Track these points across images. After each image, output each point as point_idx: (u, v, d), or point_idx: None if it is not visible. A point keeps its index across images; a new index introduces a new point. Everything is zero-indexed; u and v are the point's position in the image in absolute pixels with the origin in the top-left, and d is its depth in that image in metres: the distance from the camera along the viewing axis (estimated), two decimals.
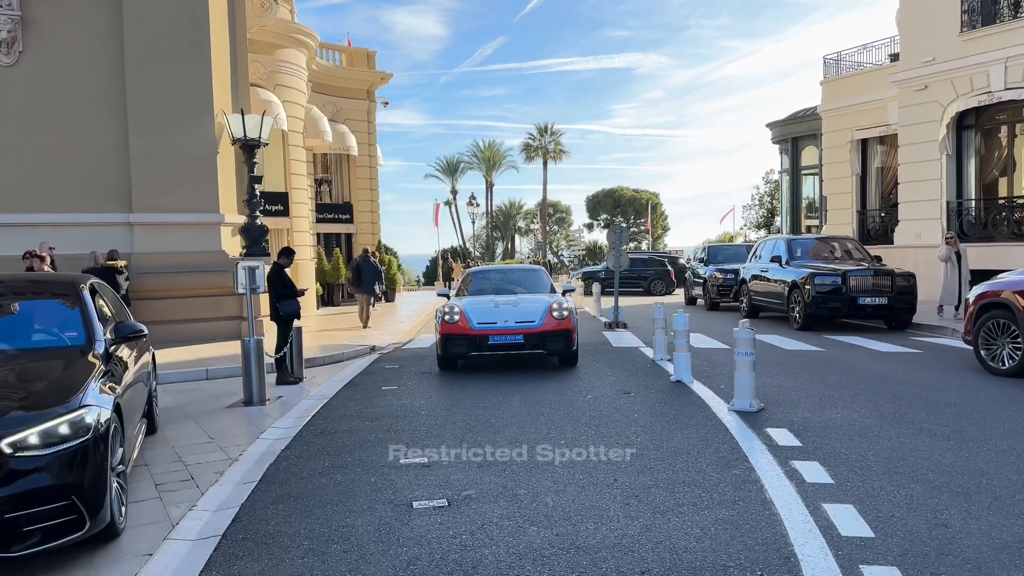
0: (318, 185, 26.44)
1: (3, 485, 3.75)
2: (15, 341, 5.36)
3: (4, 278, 6.63)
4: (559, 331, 10.01)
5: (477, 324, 9.98)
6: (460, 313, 10.12)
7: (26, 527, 3.79)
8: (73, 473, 3.99)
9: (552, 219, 69.56)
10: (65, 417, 4.08)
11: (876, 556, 3.89)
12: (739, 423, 6.90)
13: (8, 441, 3.82)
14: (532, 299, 10.75)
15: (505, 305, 10.41)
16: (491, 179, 61.47)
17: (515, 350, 10.00)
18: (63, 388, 4.41)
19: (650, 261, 31.19)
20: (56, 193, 13.36)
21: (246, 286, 9.13)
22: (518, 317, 10.04)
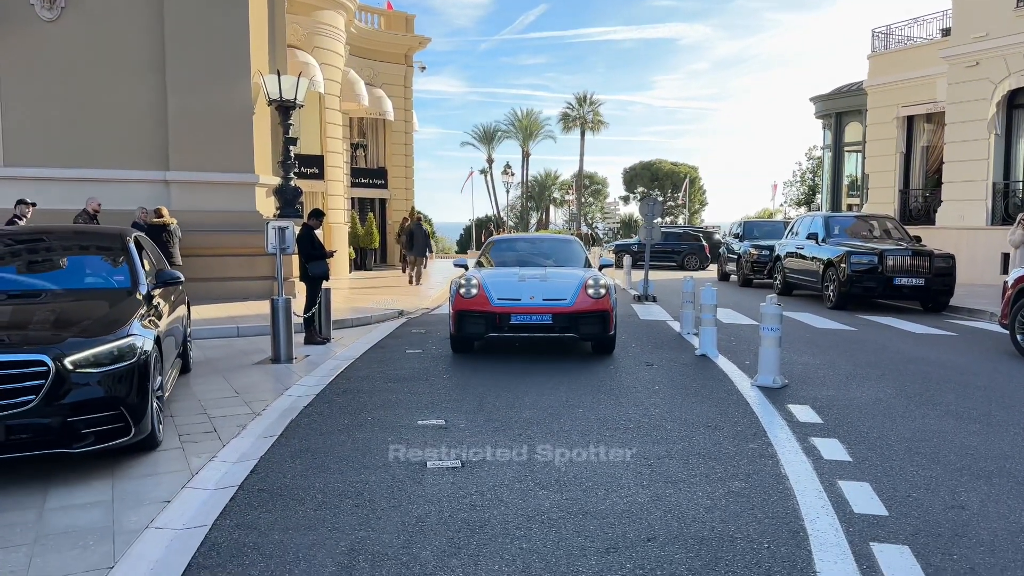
0: (353, 149, 26.55)
1: (66, 395, 4.57)
2: (71, 283, 6.23)
3: (62, 229, 7.77)
4: (595, 312, 8.55)
5: (498, 300, 8.51)
6: (478, 286, 8.69)
7: (83, 430, 4.63)
8: (121, 389, 4.81)
9: (588, 191, 69.07)
10: (115, 343, 4.89)
11: (888, 535, 3.84)
12: (760, 398, 6.84)
13: (70, 360, 4.60)
14: (564, 274, 9.32)
15: (532, 279, 8.93)
16: (528, 149, 61.12)
17: (541, 332, 8.53)
18: (113, 321, 5.20)
19: (685, 235, 30.90)
20: (96, 149, 13.57)
21: (276, 246, 9.23)
22: (547, 294, 8.59)
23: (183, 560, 3.55)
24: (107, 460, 5.03)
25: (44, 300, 5.79)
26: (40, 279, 6.35)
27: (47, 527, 3.97)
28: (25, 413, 4.47)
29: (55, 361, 4.56)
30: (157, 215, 12.73)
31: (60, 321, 5.19)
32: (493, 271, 9.69)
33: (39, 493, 4.46)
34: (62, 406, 4.56)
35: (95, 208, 12.11)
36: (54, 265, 6.66)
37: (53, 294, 5.92)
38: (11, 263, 6.53)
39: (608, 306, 8.65)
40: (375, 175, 27.52)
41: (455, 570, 3.44)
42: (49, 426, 4.54)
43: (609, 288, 8.76)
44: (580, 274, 9.20)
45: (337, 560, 3.55)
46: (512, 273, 9.34)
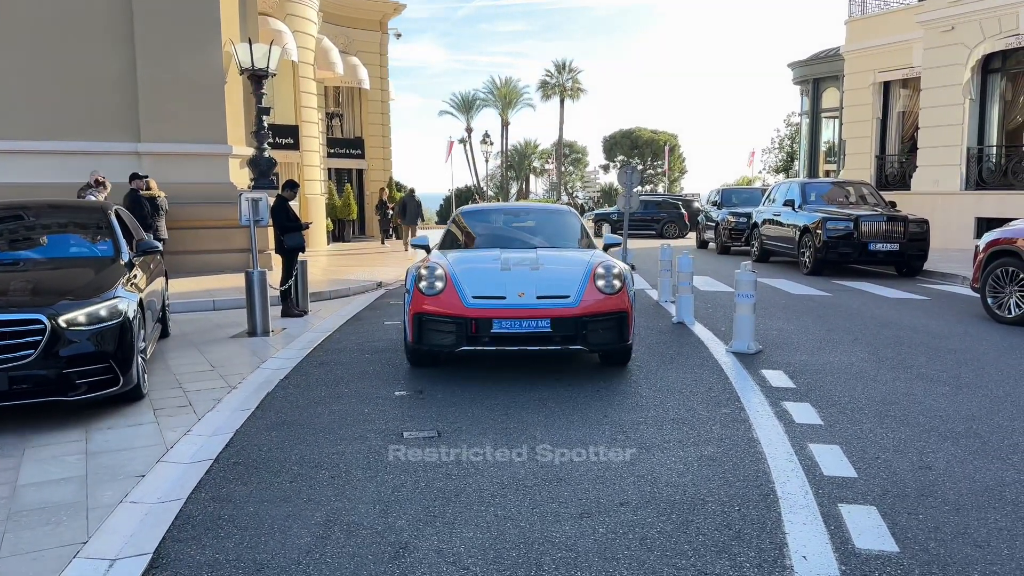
0: (329, 119, 26.21)
1: (61, 350, 5.15)
2: (61, 252, 6.82)
3: (49, 203, 8.21)
4: (609, 314, 6.20)
5: (473, 299, 6.15)
6: (445, 277, 6.35)
7: (77, 380, 5.24)
8: (109, 344, 5.41)
9: (568, 159, 68.81)
10: (102, 304, 5.48)
11: (856, 496, 3.91)
12: (735, 364, 6.91)
13: (63, 319, 5.20)
14: (562, 258, 6.99)
15: (519, 268, 6.56)
16: (507, 117, 60.67)
17: (536, 345, 6.09)
18: (100, 285, 5.79)
19: (664, 204, 30.94)
20: (65, 121, 13.30)
21: (249, 218, 9.13)
22: (542, 289, 6.23)
23: (158, 533, 3.55)
24: (81, 440, 5.00)
25: (37, 268, 6.40)
26: (32, 249, 6.89)
27: (20, 503, 3.95)
28: (25, 366, 5.06)
29: (50, 320, 5.14)
30: (146, 187, 12.54)
31: (53, 285, 5.79)
32: (465, 255, 7.18)
33: (12, 469, 4.43)
34: (58, 359, 5.14)
35: (99, 179, 11.98)
36: (44, 236, 7.15)
37: (45, 262, 6.55)
38: (7, 233, 7.11)
39: (626, 304, 6.30)
40: (352, 145, 27.23)
41: (430, 538, 3.47)
42: (47, 377, 5.13)
43: (626, 278, 6.47)
44: (584, 258, 6.79)
45: (312, 531, 3.56)
46: (491, 258, 6.89)
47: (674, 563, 3.22)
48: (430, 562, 3.25)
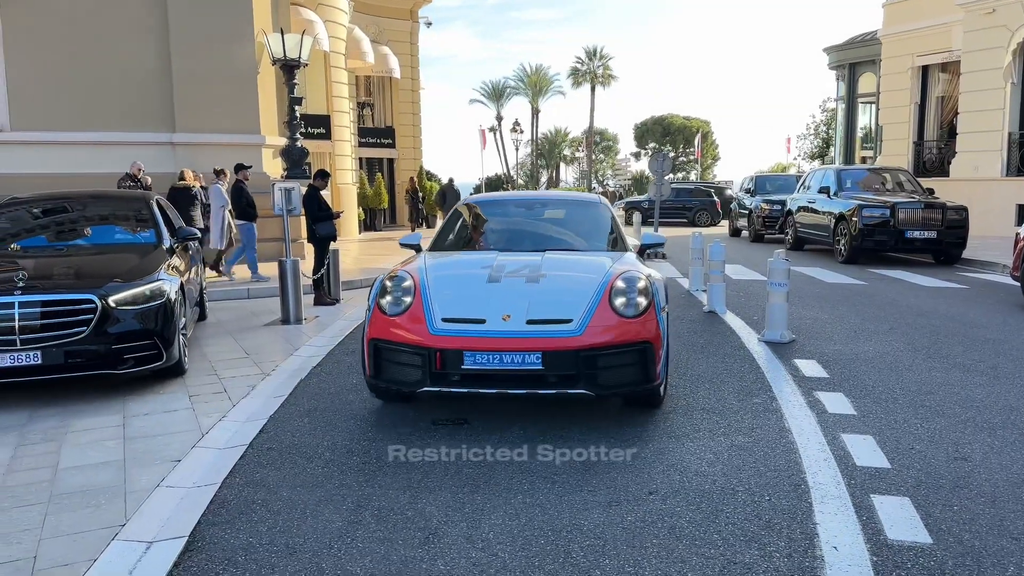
0: (360, 109, 26.35)
1: (110, 327, 5.62)
2: (108, 239, 7.35)
3: (98, 194, 8.70)
4: (626, 345, 4.63)
5: (442, 322, 4.65)
6: (414, 291, 4.89)
7: (125, 355, 5.71)
8: (153, 323, 5.87)
9: (598, 147, 68.47)
10: (147, 286, 5.95)
11: (889, 486, 3.87)
12: (767, 353, 6.85)
13: (112, 299, 5.66)
14: (574, 265, 5.49)
15: (514, 277, 5.04)
16: (537, 105, 60.52)
17: (522, 387, 4.57)
18: (144, 269, 6.26)
19: (696, 191, 30.67)
20: (101, 112, 13.51)
21: (282, 207, 9.23)
22: (536, 309, 4.68)
23: (193, 517, 3.62)
24: (119, 426, 5.12)
25: (86, 253, 6.94)
26: (80, 236, 7.46)
27: (61, 486, 4.06)
28: (79, 341, 5.49)
29: (101, 300, 5.59)
30: (180, 178, 12.73)
31: (101, 269, 6.21)
32: (450, 260, 5.81)
33: (53, 453, 4.55)
34: (108, 336, 5.60)
35: (138, 170, 12.24)
36: (92, 224, 7.67)
37: (93, 248, 7.10)
38: (57, 222, 7.72)
39: (652, 331, 4.69)
40: (383, 135, 27.35)
41: (459, 524, 3.50)
42: (98, 352, 5.58)
43: (655, 294, 4.88)
44: (603, 266, 5.22)
45: (344, 516, 3.61)
46: (480, 264, 5.38)
47: (703, 552, 3.21)
48: (459, 547, 3.28)
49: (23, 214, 7.69)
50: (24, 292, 5.48)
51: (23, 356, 5.36)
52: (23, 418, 5.26)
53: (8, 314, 5.37)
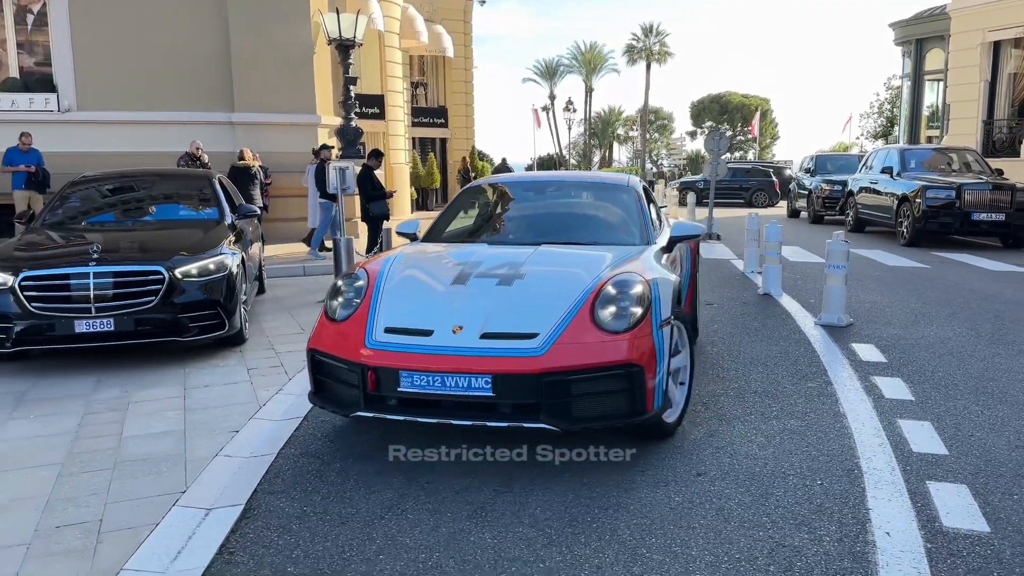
0: (413, 88, 26.46)
1: (176, 297, 5.97)
2: (174, 215, 7.82)
3: (163, 172, 9.25)
4: (603, 369, 3.72)
5: (384, 332, 3.92)
6: (366, 291, 4.22)
7: (190, 324, 6.05)
8: (216, 294, 6.20)
9: (653, 126, 67.58)
10: (210, 259, 6.30)
11: (946, 473, 3.77)
12: (824, 337, 6.72)
13: (179, 271, 6.03)
14: (566, 261, 4.62)
15: (484, 278, 4.25)
16: (591, 83, 59.93)
17: (469, 417, 3.77)
18: (208, 243, 6.60)
19: (753, 171, 30.09)
20: (163, 92, 13.85)
21: (336, 186, 9.35)
22: (496, 319, 3.88)
23: (250, 486, 3.74)
24: (180, 397, 5.29)
25: (153, 228, 7.35)
26: (148, 213, 7.90)
27: (125, 454, 4.22)
28: (148, 310, 5.86)
29: (168, 272, 5.95)
30: (240, 158, 13.02)
31: (168, 243, 6.55)
32: (424, 253, 4.99)
33: (117, 423, 4.73)
34: (174, 305, 5.96)
35: (196, 148, 12.62)
36: (158, 201, 8.14)
37: (159, 224, 7.51)
38: (125, 199, 8.10)
39: (641, 351, 3.76)
40: (435, 114, 27.45)
41: (507, 499, 3.54)
42: (166, 320, 5.94)
43: (654, 303, 3.97)
44: (598, 265, 4.35)
45: (395, 488, 3.68)
46: (457, 258, 4.64)
47: (751, 534, 3.19)
48: (507, 522, 3.32)
49: (93, 192, 8.08)
50: (98, 263, 5.85)
51: (97, 323, 5.73)
52: (89, 387, 5.48)
53: (83, 284, 5.75)
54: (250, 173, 12.90)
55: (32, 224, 7.38)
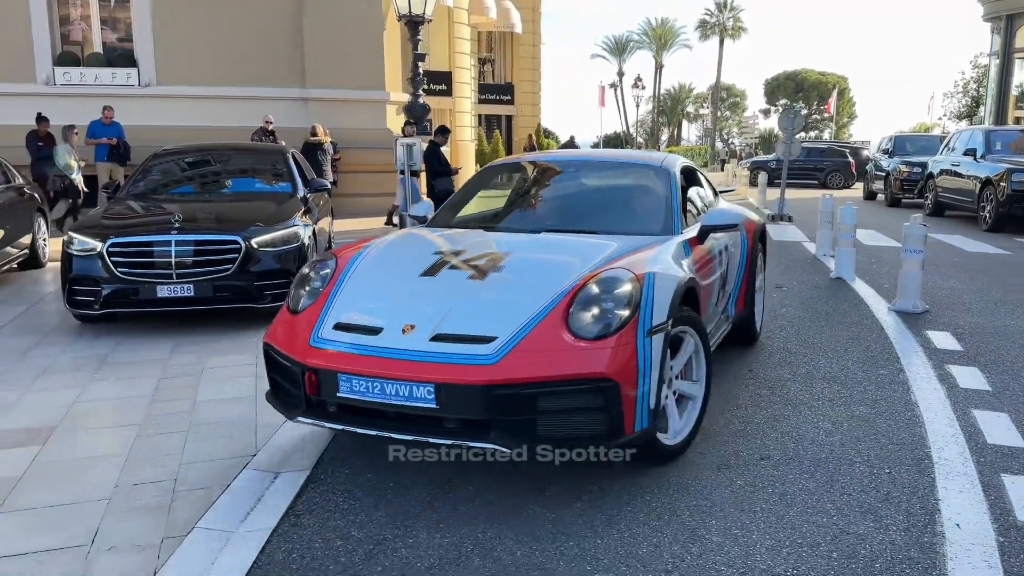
0: (481, 65, 26.46)
1: (252, 266, 6.28)
2: (250, 187, 8.17)
3: (240, 146, 9.69)
4: (571, 383, 3.14)
5: (333, 329, 3.48)
6: (329, 281, 3.80)
7: (265, 291, 6.31)
8: (290, 263, 6.44)
9: (724, 104, 66.13)
10: (284, 231, 6.58)
11: (1022, 467, 3.63)
12: (897, 323, 6.51)
13: (254, 241, 6.32)
14: (557, 251, 4.08)
15: (457, 269, 3.83)
16: (661, 60, 58.87)
17: (410, 431, 3.24)
18: (281, 215, 6.87)
19: (828, 151, 29.16)
20: (237, 68, 14.20)
21: (403, 162, 9.46)
22: (453, 319, 3.37)
23: (316, 452, 3.85)
24: (252, 364, 5.46)
25: (230, 200, 7.66)
26: (225, 185, 8.28)
27: (199, 417, 4.39)
28: (225, 278, 6.18)
29: (244, 241, 6.24)
30: (313, 134, 13.31)
31: (244, 214, 6.82)
32: (408, 239, 4.54)
33: (192, 387, 4.92)
34: (250, 273, 6.26)
35: (267, 123, 12.99)
36: (236, 174, 8.49)
37: (236, 196, 7.86)
38: (205, 172, 8.49)
39: (617, 363, 3.18)
40: (502, 91, 27.43)
41: (568, 477, 3.55)
42: (241, 287, 6.25)
43: (643, 305, 3.35)
44: (592, 256, 3.80)
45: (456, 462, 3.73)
46: (438, 246, 4.19)
47: (814, 520, 3.14)
48: (566, 499, 3.34)
49: (174, 164, 8.45)
50: (179, 232, 6.20)
51: (178, 288, 6.08)
52: (167, 351, 5.71)
53: (165, 251, 6.12)
54: (322, 148, 13.15)
55: (117, 194, 7.76)
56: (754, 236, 5.69)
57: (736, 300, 5.27)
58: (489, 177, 5.61)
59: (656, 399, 3.32)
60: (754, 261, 5.62)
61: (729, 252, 5.02)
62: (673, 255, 3.95)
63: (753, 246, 5.61)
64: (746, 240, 5.47)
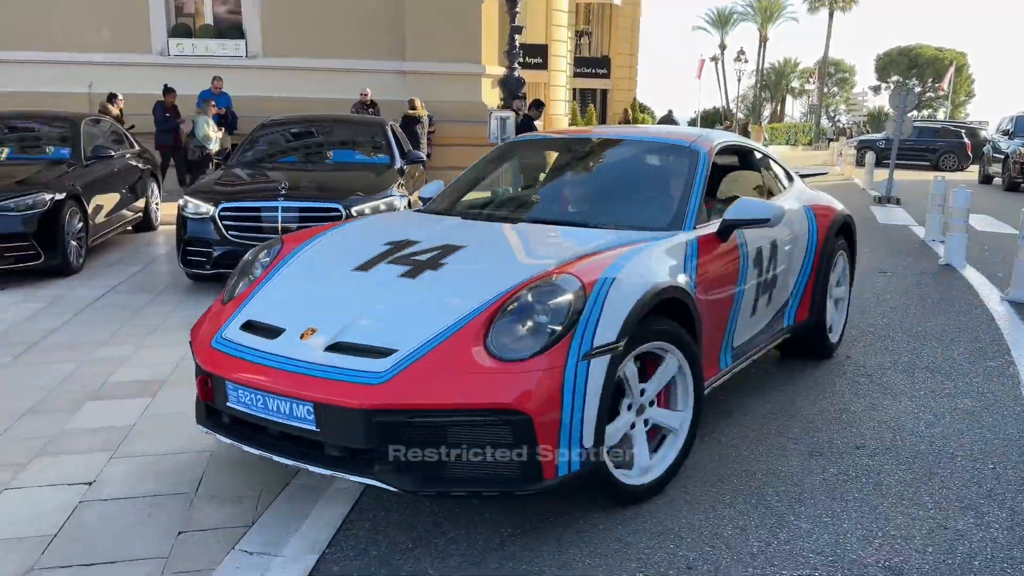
0: (577, 37, 26.17)
1: None
2: (350, 158, 8.34)
3: (339, 117, 10.26)
4: (467, 412, 2.59)
5: (240, 329, 3.08)
6: (266, 270, 3.45)
7: None
8: None
9: (832, 79, 63.40)
10: (382, 200, 6.73)
11: None
12: (1010, 314, 6.16)
13: (354, 208, 6.41)
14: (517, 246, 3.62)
15: (395, 264, 3.22)
16: (766, 32, 56.72)
17: (292, 455, 2.82)
18: (380, 185, 7.10)
19: (942, 131, 27.60)
20: (338, 41, 14.50)
21: (497, 136, 9.50)
22: (358, 327, 2.87)
23: None
24: None
25: (332, 170, 7.94)
26: (327, 156, 8.51)
27: None
28: None
29: (345, 209, 6.40)
30: (411, 107, 13.53)
31: (345, 184, 7.06)
32: (369, 226, 4.19)
33: None
34: None
35: (365, 95, 13.31)
36: (337, 145, 8.74)
37: (336, 165, 8.09)
38: (308, 142, 8.79)
39: (538, 394, 2.60)
40: (597, 64, 27.11)
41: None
42: None
43: (584, 324, 2.72)
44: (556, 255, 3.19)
45: None
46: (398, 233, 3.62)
47: (909, 512, 3.03)
48: None
49: (279, 135, 8.76)
50: (285, 199, 6.50)
51: None
52: None
53: (272, 216, 6.43)
54: (419, 121, 13.36)
55: (228, 162, 8.16)
56: (829, 230, 4.76)
57: (796, 306, 4.54)
58: (499, 156, 4.93)
59: (596, 436, 2.72)
60: (826, 260, 4.70)
61: (782, 250, 4.21)
62: (664, 256, 3.24)
63: (825, 242, 4.69)
64: (815, 234, 4.62)
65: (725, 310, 3.68)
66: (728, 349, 3.79)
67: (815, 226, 4.64)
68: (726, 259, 3.68)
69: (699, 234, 3.58)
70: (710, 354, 3.55)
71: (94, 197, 7.65)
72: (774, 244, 4.11)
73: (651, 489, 3.10)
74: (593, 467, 2.76)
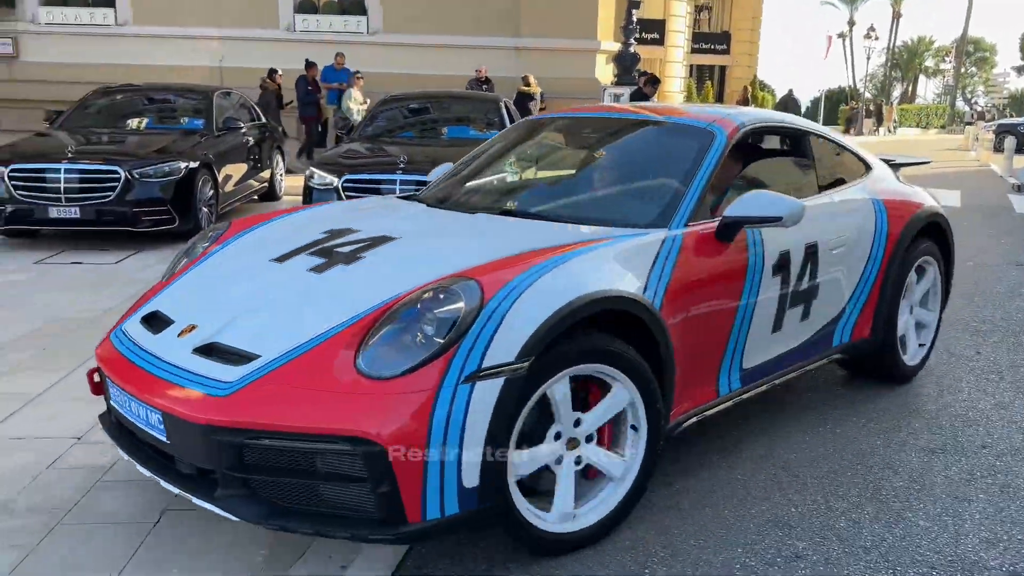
0: (697, 12, 25.47)
1: None
2: (461, 133, 8.38)
3: (456, 93, 10.47)
4: (304, 437, 2.21)
5: (135, 324, 2.82)
6: (197, 257, 3.17)
7: None
8: None
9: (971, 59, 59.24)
10: None
11: None
12: None
13: None
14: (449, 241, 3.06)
15: (312, 256, 2.87)
16: (899, 8, 53.60)
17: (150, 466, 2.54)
18: None
19: None
20: (454, 17, 14.69)
21: None
22: (237, 326, 2.54)
23: None
24: None
25: (447, 144, 8.03)
26: (444, 131, 8.65)
27: None
28: None
29: None
30: (525, 83, 13.64)
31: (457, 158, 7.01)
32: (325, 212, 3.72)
33: None
34: None
35: (478, 71, 13.54)
36: (453, 121, 8.90)
37: (452, 140, 8.18)
38: (425, 118, 9.00)
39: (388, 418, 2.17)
40: (717, 40, 26.33)
41: (760, 442, 3.48)
42: None
43: (467, 331, 2.26)
44: (487, 253, 2.64)
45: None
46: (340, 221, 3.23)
47: None
48: (756, 462, 3.27)
49: (398, 111, 8.99)
50: (403, 172, 6.66)
51: None
52: None
53: (391, 189, 6.59)
54: (532, 98, 13.43)
55: (351, 135, 8.48)
56: (905, 230, 3.89)
57: (854, 322, 3.80)
58: (507, 137, 4.41)
59: (483, 474, 2.27)
60: (897, 267, 3.88)
61: (826, 254, 3.48)
62: (619, 258, 2.70)
63: (896, 246, 3.85)
64: (884, 235, 3.81)
65: (723, 325, 3.05)
66: (734, 371, 3.17)
67: (885, 226, 3.82)
68: (724, 264, 3.03)
69: (686, 232, 2.94)
70: (699, 377, 3.01)
71: (224, 166, 8.11)
72: (812, 247, 3.39)
73: (580, 540, 2.58)
74: (481, 511, 2.31)
